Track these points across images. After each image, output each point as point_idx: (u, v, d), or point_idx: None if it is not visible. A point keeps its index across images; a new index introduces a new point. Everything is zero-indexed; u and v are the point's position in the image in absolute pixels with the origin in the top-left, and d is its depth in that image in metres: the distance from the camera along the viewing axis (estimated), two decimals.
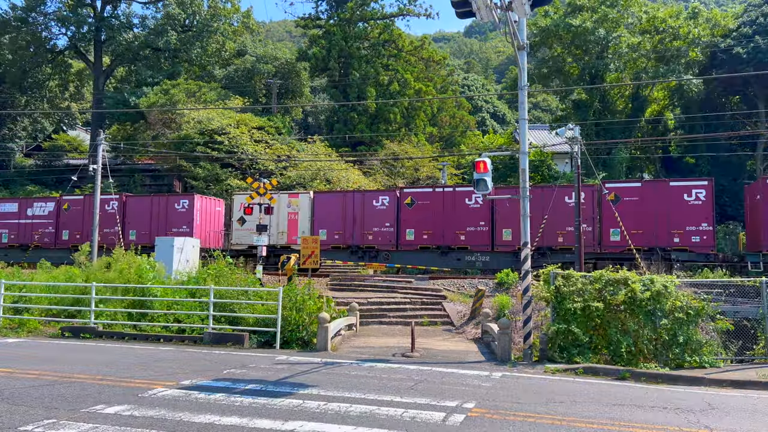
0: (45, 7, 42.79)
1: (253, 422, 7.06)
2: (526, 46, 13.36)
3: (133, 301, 16.57)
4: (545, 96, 62.77)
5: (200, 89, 37.53)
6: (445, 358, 13.32)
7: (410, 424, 7.16)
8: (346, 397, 8.61)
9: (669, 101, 41.47)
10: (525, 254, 13.36)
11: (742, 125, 37.57)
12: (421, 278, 23.95)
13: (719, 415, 8.17)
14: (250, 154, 32.86)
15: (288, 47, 59.16)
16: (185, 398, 8.30)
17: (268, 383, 9.61)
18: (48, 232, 30.56)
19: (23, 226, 30.97)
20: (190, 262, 21.55)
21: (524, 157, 13.69)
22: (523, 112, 13.87)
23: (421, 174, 37.96)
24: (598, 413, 8.06)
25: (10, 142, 44.51)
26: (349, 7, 46.58)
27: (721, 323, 12.65)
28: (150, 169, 39.83)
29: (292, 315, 14.77)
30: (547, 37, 37.27)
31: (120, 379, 9.68)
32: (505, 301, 17.79)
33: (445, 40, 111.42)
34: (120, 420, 7.06)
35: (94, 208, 26.60)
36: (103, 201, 28.20)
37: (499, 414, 7.80)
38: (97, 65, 43.57)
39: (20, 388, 8.75)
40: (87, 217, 28.81)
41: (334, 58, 46.19)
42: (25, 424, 6.80)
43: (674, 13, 37.91)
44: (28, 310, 17.38)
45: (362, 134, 43.32)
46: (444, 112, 50.02)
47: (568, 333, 12.43)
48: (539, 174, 35.59)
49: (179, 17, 42.76)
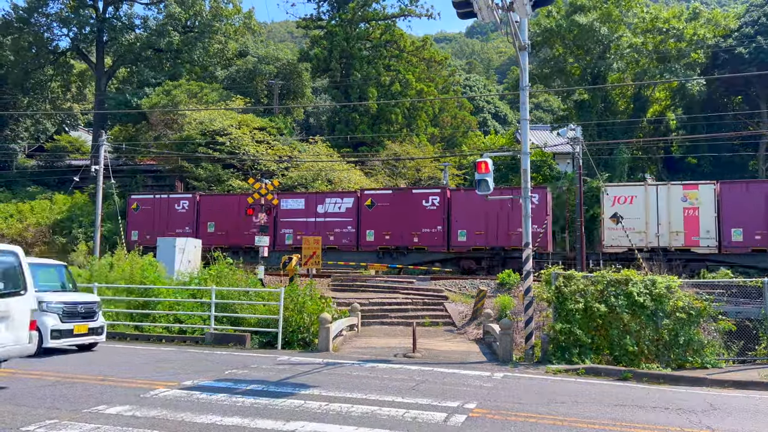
0: (47, 8, 42.86)
1: (255, 422, 7.06)
2: (527, 47, 13.37)
3: (135, 301, 16.60)
4: (547, 96, 62.74)
5: (202, 90, 37.57)
6: (446, 358, 13.32)
7: (412, 424, 7.16)
8: (348, 397, 8.62)
9: (671, 101, 41.42)
10: (526, 255, 13.36)
11: (745, 125, 37.51)
12: (423, 279, 23.96)
13: (721, 416, 8.16)
14: (252, 155, 32.88)
15: (289, 48, 59.19)
16: (187, 398, 8.31)
17: (270, 384, 9.61)
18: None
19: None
20: (192, 263, 21.58)
21: (526, 157, 13.70)
22: (524, 112, 13.87)
23: (423, 174, 37.96)
24: (600, 414, 8.05)
25: (12, 143, 44.58)
26: (350, 8, 46.60)
27: (722, 323, 12.64)
28: (152, 169, 39.88)
29: (294, 315, 14.78)
30: (549, 37, 37.24)
31: (122, 379, 9.69)
32: (507, 301, 17.78)
33: (446, 41, 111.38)
34: (122, 420, 7.07)
35: (95, 208, 26.64)
36: (172, 200, 28.37)
37: (501, 414, 7.80)
38: (99, 66, 43.63)
39: (22, 389, 8.76)
40: (157, 218, 28.49)
41: (336, 58, 46.21)
42: (27, 424, 6.81)
43: (676, 14, 37.88)
44: None
45: (364, 135, 43.33)
46: (445, 113, 50.03)
47: (570, 333, 12.42)
48: (541, 174, 35.57)
49: (181, 18, 42.81)
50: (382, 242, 25.63)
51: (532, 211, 22.35)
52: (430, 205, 25.33)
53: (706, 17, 38.22)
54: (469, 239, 24.75)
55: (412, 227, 25.35)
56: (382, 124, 44.66)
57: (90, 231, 29.49)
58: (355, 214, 26.36)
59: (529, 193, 13.75)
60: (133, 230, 28.89)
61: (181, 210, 28.25)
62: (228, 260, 18.03)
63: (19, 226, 31.90)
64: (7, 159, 43.52)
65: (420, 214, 25.40)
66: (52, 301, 12.19)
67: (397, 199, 26.26)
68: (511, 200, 22.86)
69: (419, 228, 25.32)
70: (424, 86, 47.33)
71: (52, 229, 32.21)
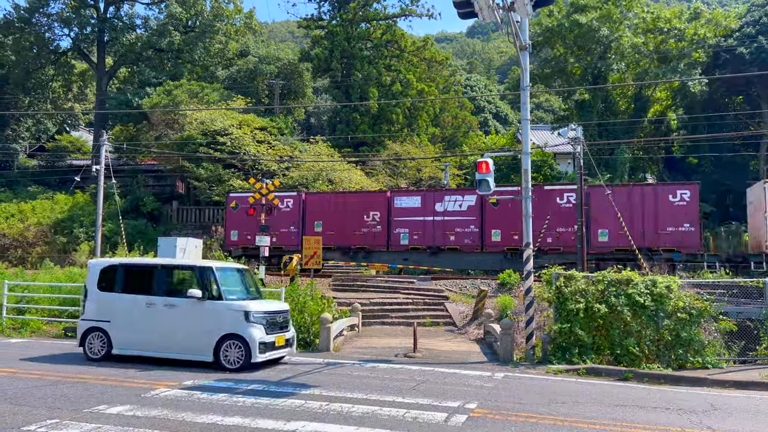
0: (48, 8, 42.87)
1: (256, 422, 7.07)
2: (528, 47, 13.36)
3: None
4: (548, 96, 62.72)
5: (203, 90, 37.57)
6: (447, 358, 13.32)
7: (412, 424, 7.16)
8: (349, 397, 8.62)
9: (672, 102, 41.37)
10: (527, 255, 13.36)
11: (746, 125, 37.47)
12: (423, 279, 23.96)
13: (722, 416, 8.16)
14: (253, 155, 32.89)
15: (290, 48, 59.18)
16: (188, 398, 8.32)
17: (271, 383, 9.62)
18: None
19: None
20: None
21: (526, 157, 13.70)
22: (525, 112, 13.87)
23: (424, 174, 37.95)
24: (601, 414, 8.05)
25: (13, 143, 44.57)
26: (351, 8, 46.61)
27: (723, 324, 12.63)
28: (153, 169, 39.88)
29: (295, 315, 14.78)
30: (549, 37, 37.21)
31: (123, 379, 9.70)
32: (508, 301, 17.78)
33: (447, 41, 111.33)
34: (123, 420, 7.08)
35: (96, 208, 26.64)
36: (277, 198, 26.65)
37: (501, 414, 7.80)
38: (100, 66, 43.63)
39: (23, 388, 8.78)
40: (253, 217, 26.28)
41: (337, 58, 46.20)
42: (28, 424, 6.83)
43: (677, 14, 37.84)
44: (31, 310, 17.42)
45: (364, 135, 43.32)
46: (446, 113, 50.01)
47: (571, 334, 12.42)
48: (541, 174, 35.56)
49: (182, 18, 42.82)
50: (510, 243, 23.63)
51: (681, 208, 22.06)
52: (565, 203, 23.45)
53: (707, 17, 38.17)
54: (612, 239, 22.68)
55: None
56: (383, 124, 44.65)
57: (91, 231, 29.51)
58: (478, 213, 24.42)
59: (530, 193, 13.73)
60: (232, 230, 27.01)
61: (285, 209, 26.43)
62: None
63: (21, 226, 31.91)
64: (9, 159, 43.53)
65: (555, 212, 23.30)
66: (258, 310, 11.05)
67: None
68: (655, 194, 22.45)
69: (553, 227, 23.31)
70: (425, 86, 47.32)
71: (53, 229, 32.21)
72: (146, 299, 11.39)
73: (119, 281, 11.77)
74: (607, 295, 12.52)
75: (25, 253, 30.91)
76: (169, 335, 11.07)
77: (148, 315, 11.29)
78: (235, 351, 10.71)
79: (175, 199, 36.56)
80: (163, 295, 11.37)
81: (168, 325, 11.12)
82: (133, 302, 11.46)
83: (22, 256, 30.63)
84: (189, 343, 10.95)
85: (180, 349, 10.99)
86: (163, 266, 11.87)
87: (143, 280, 11.80)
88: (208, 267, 11.34)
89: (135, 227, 31.67)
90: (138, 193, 35.56)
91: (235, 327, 10.75)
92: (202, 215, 34.94)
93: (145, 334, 11.24)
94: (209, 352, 10.78)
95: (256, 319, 10.89)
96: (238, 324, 10.77)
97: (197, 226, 34.06)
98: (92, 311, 11.71)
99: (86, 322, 11.70)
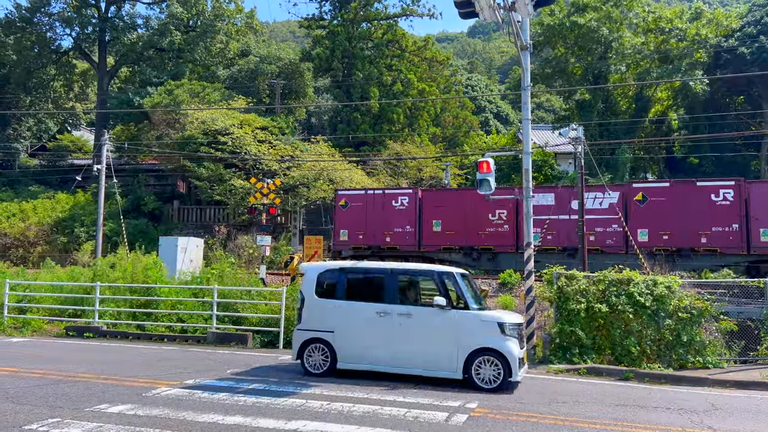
0: (50, 8, 42.89)
1: (257, 422, 7.08)
2: (529, 47, 13.37)
3: (137, 300, 16.63)
4: (548, 96, 62.71)
5: (204, 89, 37.58)
6: None
7: (413, 423, 7.17)
8: (349, 396, 8.63)
9: (673, 101, 41.36)
10: (528, 254, 13.37)
11: (747, 125, 37.46)
12: None
13: (722, 416, 8.17)
14: (254, 155, 32.89)
15: (291, 48, 59.19)
16: (189, 398, 8.33)
17: (271, 383, 9.64)
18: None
19: None
20: (194, 262, 21.63)
21: (527, 157, 13.71)
22: (526, 112, 13.88)
23: (425, 174, 37.93)
24: (601, 413, 8.05)
25: (14, 143, 44.63)
26: (352, 8, 46.60)
27: (724, 324, 12.63)
28: (154, 169, 39.90)
29: (296, 315, 14.79)
30: (551, 36, 37.21)
31: (124, 378, 9.72)
32: (509, 301, 17.78)
33: (448, 41, 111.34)
34: (124, 419, 7.10)
35: (97, 207, 26.67)
36: (389, 196, 25.41)
37: (502, 414, 7.81)
38: (101, 66, 43.66)
39: (25, 387, 8.79)
40: (370, 216, 25.14)
41: (338, 58, 46.19)
42: (29, 423, 6.84)
43: (679, 14, 37.83)
44: (33, 309, 17.45)
45: (365, 134, 43.30)
46: (447, 113, 49.98)
47: (572, 333, 12.42)
48: (542, 174, 35.55)
49: (183, 17, 42.84)
50: (658, 242, 22.25)
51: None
52: (721, 200, 21.90)
53: (708, 17, 38.17)
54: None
55: (698, 226, 21.89)
56: (384, 123, 44.64)
57: (92, 230, 29.53)
58: (621, 211, 22.94)
59: (531, 192, 13.74)
60: (341, 229, 25.76)
61: (399, 207, 25.04)
62: (230, 259, 18.04)
63: (22, 226, 31.93)
64: (10, 158, 43.60)
65: (708, 211, 21.78)
66: (512, 322, 9.82)
67: (677, 192, 22.67)
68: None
69: (708, 227, 21.67)
70: (425, 86, 47.30)
71: (54, 229, 32.24)
72: (377, 308, 10.12)
73: (341, 287, 10.57)
74: (608, 295, 12.53)
75: (26, 253, 30.95)
76: (406, 349, 9.86)
77: (380, 326, 10.01)
78: (490, 368, 9.44)
79: (176, 198, 36.59)
80: (396, 303, 10.12)
81: (404, 338, 9.88)
82: (361, 311, 10.24)
83: (24, 255, 30.67)
84: (430, 358, 9.75)
85: (418, 364, 9.80)
86: (393, 271, 10.54)
87: (370, 285, 10.68)
88: (449, 272, 10.21)
89: (136, 227, 31.68)
90: (139, 193, 35.58)
91: (490, 340, 9.48)
92: (203, 215, 34.98)
93: (377, 347, 10.02)
94: (456, 369, 9.56)
95: (511, 332, 9.63)
96: (493, 337, 9.49)
97: (198, 226, 34.10)
98: (311, 320, 10.51)
99: (304, 333, 10.53)
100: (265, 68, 43.36)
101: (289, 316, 14.72)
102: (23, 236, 31.59)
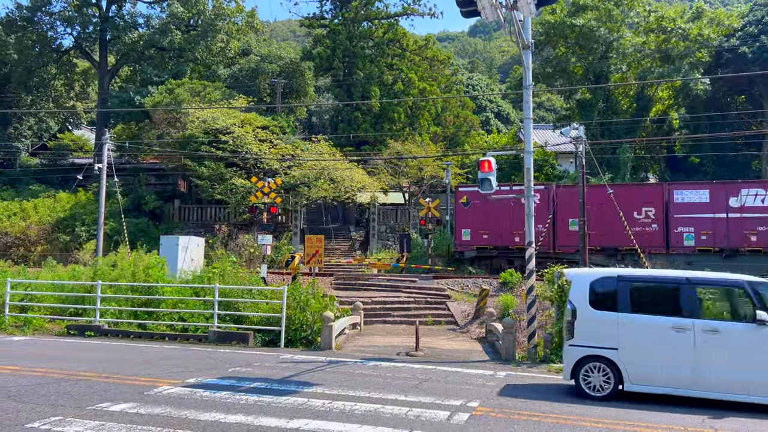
0: (50, 7, 42.89)
1: (258, 420, 7.09)
2: (531, 46, 13.36)
3: (138, 299, 16.64)
4: (549, 95, 62.70)
5: (205, 89, 37.57)
6: (449, 357, 13.33)
7: (415, 422, 7.18)
8: (351, 395, 8.64)
9: (674, 101, 41.37)
10: (529, 253, 13.37)
11: (748, 125, 37.45)
12: (425, 278, 23.97)
13: (724, 416, 8.16)
14: (255, 154, 32.89)
15: (292, 47, 59.17)
16: (190, 396, 8.34)
17: (273, 381, 9.64)
18: None
19: None
20: (195, 261, 21.64)
21: (529, 156, 13.71)
22: (527, 111, 13.87)
23: (425, 173, 37.93)
24: (603, 413, 8.06)
25: (15, 142, 44.65)
26: (353, 7, 46.59)
27: None
28: (155, 168, 39.93)
29: (297, 314, 14.81)
30: (552, 36, 37.21)
31: (126, 376, 9.73)
32: (510, 300, 17.79)
33: (449, 40, 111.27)
34: (126, 417, 7.10)
35: (98, 206, 26.67)
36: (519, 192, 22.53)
37: (504, 413, 7.81)
38: (102, 65, 43.66)
39: (27, 386, 8.80)
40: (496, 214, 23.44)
41: (339, 57, 46.18)
42: (31, 421, 6.85)
43: (680, 13, 37.84)
44: (34, 308, 17.46)
45: (366, 134, 43.30)
46: (448, 112, 49.96)
47: None
48: (543, 173, 35.54)
49: (183, 17, 42.83)
50: None
51: None
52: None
53: (710, 16, 38.16)
54: None
55: None
56: (385, 123, 44.64)
57: (93, 229, 29.54)
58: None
59: (532, 192, 13.74)
60: (463, 229, 24.29)
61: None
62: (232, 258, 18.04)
63: (23, 225, 31.96)
64: (11, 157, 43.61)
65: None
66: None
67: None
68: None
69: None
70: (426, 85, 47.30)
71: (55, 228, 32.26)
72: (673, 322, 8.87)
73: (623, 297, 9.25)
74: None
75: (27, 252, 30.98)
76: (714, 370, 8.61)
77: (678, 343, 8.78)
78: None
79: (177, 197, 36.62)
80: (698, 318, 8.89)
81: (711, 358, 8.64)
82: (652, 326, 8.97)
83: (25, 254, 30.70)
84: (748, 381, 8.48)
85: (735, 389, 8.51)
86: (690, 280, 9.19)
87: (660, 297, 9.43)
88: (764, 282, 9.02)
89: (137, 226, 31.71)
90: (140, 192, 35.60)
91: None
92: (204, 214, 35.01)
93: (674, 367, 8.75)
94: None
95: None
96: None
97: (199, 225, 34.14)
98: (586, 335, 9.28)
99: (579, 349, 9.28)
100: (265, 67, 43.36)
101: (290, 315, 14.73)
102: (24, 235, 31.63)
